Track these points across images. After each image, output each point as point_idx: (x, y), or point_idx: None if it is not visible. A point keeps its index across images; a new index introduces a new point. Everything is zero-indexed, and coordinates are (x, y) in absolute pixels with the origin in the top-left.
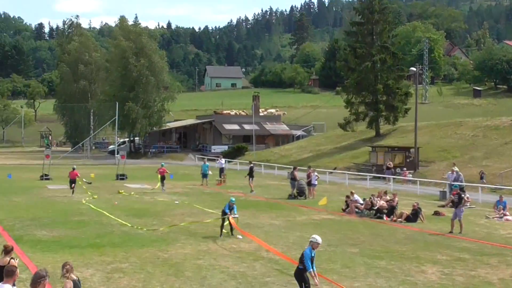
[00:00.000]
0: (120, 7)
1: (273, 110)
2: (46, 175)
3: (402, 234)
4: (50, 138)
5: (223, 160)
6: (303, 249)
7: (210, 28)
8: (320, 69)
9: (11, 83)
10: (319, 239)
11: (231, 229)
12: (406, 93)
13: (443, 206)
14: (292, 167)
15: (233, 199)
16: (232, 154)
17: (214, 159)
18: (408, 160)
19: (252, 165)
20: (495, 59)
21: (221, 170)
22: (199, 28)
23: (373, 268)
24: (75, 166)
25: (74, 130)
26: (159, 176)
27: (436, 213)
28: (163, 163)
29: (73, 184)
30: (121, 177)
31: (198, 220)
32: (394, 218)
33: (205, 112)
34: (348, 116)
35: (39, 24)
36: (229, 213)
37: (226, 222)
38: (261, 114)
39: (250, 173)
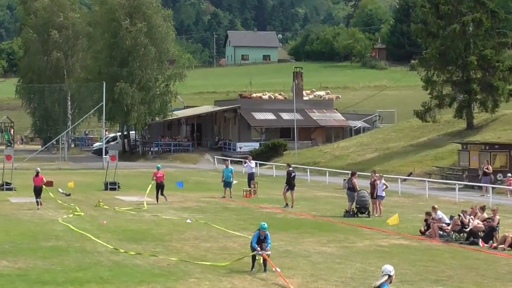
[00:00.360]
0: None
1: (322, 93)
2: (7, 183)
3: (506, 267)
4: (12, 133)
5: (253, 163)
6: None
7: None
8: (388, 34)
9: None
10: (391, 269)
11: (265, 264)
12: (510, 68)
13: None
14: (349, 172)
15: (265, 225)
16: (265, 155)
17: (241, 162)
18: None
19: (290, 169)
20: None
21: (251, 176)
22: None
23: None
24: (39, 169)
25: (45, 121)
26: (154, 183)
27: None
28: (159, 166)
29: (38, 195)
30: (112, 186)
31: (224, 249)
32: (494, 244)
33: (226, 95)
34: (428, 101)
35: None
36: (258, 248)
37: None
38: (305, 98)
39: (289, 182)
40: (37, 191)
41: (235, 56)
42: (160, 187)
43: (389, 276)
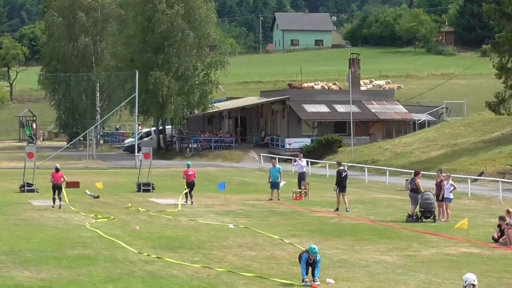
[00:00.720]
0: None
1: (381, 82)
2: (28, 184)
3: None
4: (34, 127)
5: (303, 161)
6: None
7: None
8: (456, 16)
9: None
10: (474, 278)
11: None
12: None
13: None
14: (412, 172)
15: (315, 248)
16: (317, 152)
17: (290, 160)
18: None
19: (341, 168)
20: None
21: (301, 176)
22: None
23: None
24: (58, 166)
25: (71, 115)
26: (186, 182)
27: None
28: (189, 163)
29: (56, 193)
30: (145, 187)
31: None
32: None
33: (274, 85)
34: (502, 91)
35: None
36: (306, 279)
37: None
38: (362, 88)
39: (340, 182)
40: (56, 189)
41: (284, 41)
42: (190, 186)
43: (473, 286)
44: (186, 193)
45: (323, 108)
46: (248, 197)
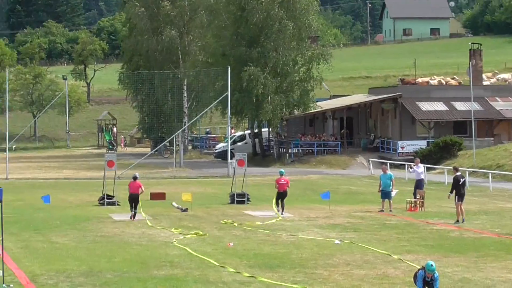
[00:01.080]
0: None
1: (507, 76)
2: (109, 196)
3: None
4: (114, 132)
5: (421, 167)
6: None
7: None
8: None
9: (45, 37)
10: None
11: None
12: None
13: None
14: None
15: (433, 264)
16: (434, 156)
17: (403, 166)
18: None
19: (458, 174)
20: None
21: (418, 184)
22: None
23: None
24: (137, 174)
25: (155, 117)
26: (277, 192)
27: None
28: (282, 170)
29: (134, 206)
30: (240, 198)
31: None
32: None
33: (384, 81)
34: None
35: None
36: None
37: None
38: (485, 82)
39: (457, 190)
40: (133, 200)
41: (395, 30)
42: (282, 196)
43: None
44: (277, 203)
45: (440, 106)
46: (356, 208)
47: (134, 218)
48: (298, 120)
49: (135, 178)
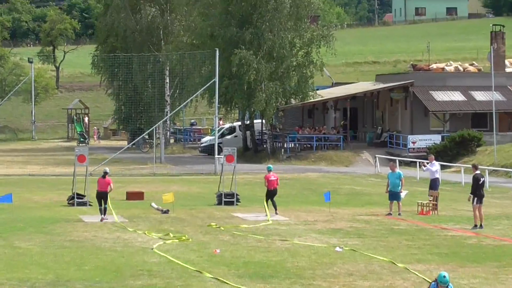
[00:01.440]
0: None
1: None
2: (79, 195)
3: None
4: (86, 123)
5: (435, 165)
6: None
7: None
8: None
9: (9, 14)
10: None
11: None
12: None
13: None
14: None
15: (446, 276)
16: (450, 152)
17: (415, 163)
18: None
19: (478, 173)
20: None
21: (433, 184)
22: None
23: None
24: (107, 170)
25: (133, 106)
26: (267, 190)
27: None
28: (270, 166)
29: (102, 202)
30: (228, 199)
31: None
32: None
33: (393, 67)
34: None
35: None
36: None
37: None
38: (508, 69)
39: (477, 190)
40: (102, 199)
41: (406, 9)
42: (272, 195)
43: None
44: (267, 203)
45: (457, 96)
46: (360, 211)
47: (104, 214)
48: (296, 110)
49: (105, 174)
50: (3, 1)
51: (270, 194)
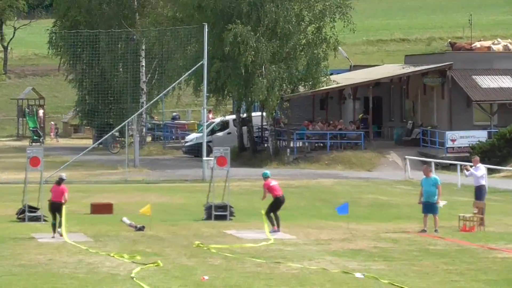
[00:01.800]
0: None
1: None
2: (32, 208)
3: None
4: (41, 117)
5: (481, 169)
6: None
7: None
8: None
9: None
10: None
11: None
12: None
13: None
14: None
15: None
16: (498, 152)
17: (455, 166)
18: None
19: None
20: None
21: (478, 193)
22: None
23: None
24: (64, 176)
25: (100, 96)
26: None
27: None
28: (266, 172)
29: (55, 217)
30: (219, 212)
31: None
32: None
33: (427, 45)
34: None
35: None
36: None
37: None
38: None
39: None
40: (55, 210)
41: None
42: (278, 204)
43: None
44: (269, 216)
45: (507, 82)
46: (387, 227)
47: (55, 232)
48: (305, 100)
49: (60, 180)
50: None
51: (277, 203)
